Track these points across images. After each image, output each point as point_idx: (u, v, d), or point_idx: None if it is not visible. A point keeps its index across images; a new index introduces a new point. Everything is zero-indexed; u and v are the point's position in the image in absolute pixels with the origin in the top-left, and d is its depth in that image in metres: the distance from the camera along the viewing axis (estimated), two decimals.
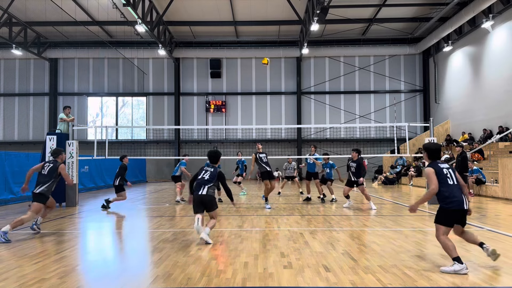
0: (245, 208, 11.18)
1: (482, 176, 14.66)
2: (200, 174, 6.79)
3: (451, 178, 4.92)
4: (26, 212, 7.17)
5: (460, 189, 4.90)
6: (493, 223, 8.22)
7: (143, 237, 7.39)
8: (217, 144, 27.99)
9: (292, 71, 28.44)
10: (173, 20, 24.42)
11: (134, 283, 4.48)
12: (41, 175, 7.35)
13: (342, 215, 9.51)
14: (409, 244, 6.24)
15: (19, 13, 22.54)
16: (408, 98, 28.22)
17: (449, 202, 4.80)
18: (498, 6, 19.16)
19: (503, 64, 19.14)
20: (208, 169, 6.82)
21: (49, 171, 7.36)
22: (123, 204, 13.03)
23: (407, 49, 27.11)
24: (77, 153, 12.22)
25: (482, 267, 4.89)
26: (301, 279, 4.46)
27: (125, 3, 17.23)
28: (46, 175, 7.32)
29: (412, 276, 4.54)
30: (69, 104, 27.95)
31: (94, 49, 27.45)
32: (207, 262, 5.24)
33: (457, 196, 4.80)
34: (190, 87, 28.66)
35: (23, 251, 5.96)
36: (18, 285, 4.33)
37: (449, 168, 5.03)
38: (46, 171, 7.35)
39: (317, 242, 6.46)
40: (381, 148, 27.39)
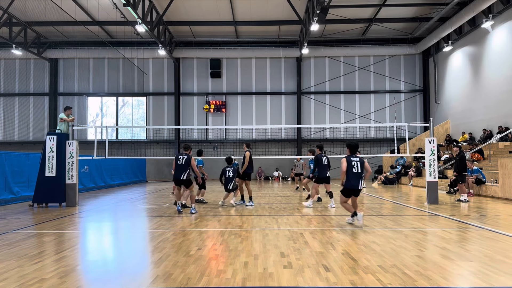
0: (245, 208, 11.17)
1: (482, 176, 14.66)
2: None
3: (356, 168, 7.77)
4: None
5: (359, 176, 7.78)
6: (493, 223, 8.22)
7: (143, 237, 7.39)
8: (217, 144, 28.00)
9: (292, 71, 28.45)
10: (173, 20, 24.42)
11: (134, 283, 4.48)
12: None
13: (342, 215, 9.51)
14: (409, 244, 6.24)
15: (19, 13, 22.54)
16: (408, 98, 28.22)
17: (347, 183, 7.81)
18: (498, 6, 19.16)
19: (503, 64, 19.15)
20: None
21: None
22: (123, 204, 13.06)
23: (407, 49, 27.11)
24: (77, 153, 12.22)
25: (482, 267, 4.89)
26: (301, 279, 4.46)
27: (125, 3, 17.23)
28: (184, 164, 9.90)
29: (412, 276, 4.54)
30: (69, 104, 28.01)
31: (94, 49, 27.45)
32: (207, 262, 5.24)
33: (353, 180, 7.76)
34: (190, 87, 28.66)
35: (23, 251, 5.96)
36: (18, 285, 4.33)
37: (358, 161, 7.83)
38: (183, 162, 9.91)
39: (317, 242, 6.46)
40: (381, 148, 27.40)
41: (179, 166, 9.82)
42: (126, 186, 21.78)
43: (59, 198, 11.78)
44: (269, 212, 10.20)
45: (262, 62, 28.44)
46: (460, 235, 7.04)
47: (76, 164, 12.10)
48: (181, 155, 9.91)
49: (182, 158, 9.82)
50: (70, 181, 11.87)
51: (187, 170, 9.79)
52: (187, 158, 9.83)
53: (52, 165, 11.74)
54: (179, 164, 9.81)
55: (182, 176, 9.75)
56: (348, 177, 7.84)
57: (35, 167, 13.12)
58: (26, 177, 13.67)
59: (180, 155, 9.97)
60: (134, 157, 26.07)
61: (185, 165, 9.80)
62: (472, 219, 8.85)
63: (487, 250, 5.79)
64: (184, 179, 9.78)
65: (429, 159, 11.89)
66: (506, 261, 5.17)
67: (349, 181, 7.85)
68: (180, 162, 9.80)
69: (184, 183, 9.87)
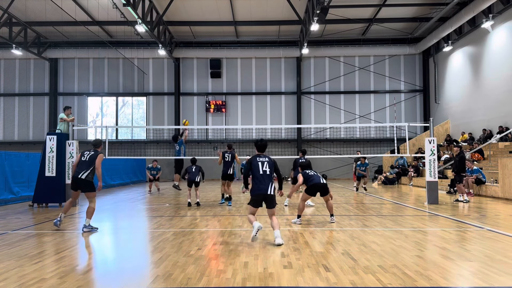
0: (245, 208, 11.17)
1: (482, 176, 14.65)
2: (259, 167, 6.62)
3: (313, 173, 8.35)
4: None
5: (319, 176, 8.25)
6: (493, 223, 8.22)
7: (143, 237, 7.39)
8: (217, 144, 27.99)
9: (292, 71, 28.44)
10: (173, 20, 24.42)
11: (134, 283, 4.48)
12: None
13: (342, 215, 9.51)
14: (409, 244, 6.24)
15: (19, 13, 22.54)
16: (408, 98, 28.22)
17: (310, 183, 8.14)
18: (498, 6, 19.16)
19: (503, 64, 19.14)
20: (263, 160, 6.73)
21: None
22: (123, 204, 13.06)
23: (407, 49, 27.11)
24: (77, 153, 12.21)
25: (482, 267, 4.89)
26: (301, 279, 4.46)
27: (125, 3, 17.23)
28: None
29: (412, 276, 4.54)
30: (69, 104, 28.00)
31: (94, 49, 27.45)
32: (207, 262, 5.24)
33: (315, 179, 8.15)
34: (190, 87, 28.66)
35: (23, 251, 5.96)
36: (18, 285, 4.33)
37: (312, 170, 8.50)
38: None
39: (317, 242, 6.46)
40: (381, 148, 27.40)
41: (81, 162, 7.88)
42: (126, 186, 21.78)
43: (59, 198, 11.77)
44: None
45: (262, 62, 28.44)
46: (460, 235, 7.04)
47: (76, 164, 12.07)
48: (87, 151, 8.05)
49: (88, 154, 7.93)
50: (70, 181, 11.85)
51: (90, 168, 7.77)
52: (93, 155, 7.89)
53: (52, 165, 11.73)
54: (82, 160, 7.89)
55: (81, 174, 7.72)
56: (307, 178, 8.22)
57: (35, 167, 13.12)
58: (26, 177, 13.66)
59: (86, 150, 8.11)
60: (134, 157, 26.06)
61: (88, 162, 7.84)
62: (472, 219, 8.85)
63: (487, 250, 5.79)
64: (83, 179, 7.70)
65: (429, 159, 11.89)
66: (506, 261, 5.17)
67: (310, 181, 8.16)
68: (84, 158, 7.89)
69: (83, 185, 7.74)
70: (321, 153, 26.88)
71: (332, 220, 8.44)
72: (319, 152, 27.09)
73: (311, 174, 8.32)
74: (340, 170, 27.12)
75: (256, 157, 6.70)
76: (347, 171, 26.90)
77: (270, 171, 6.54)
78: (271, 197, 6.43)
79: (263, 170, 6.52)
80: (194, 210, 10.86)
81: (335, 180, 26.30)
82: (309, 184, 8.21)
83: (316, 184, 8.15)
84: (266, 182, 6.44)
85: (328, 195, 8.30)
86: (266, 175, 6.50)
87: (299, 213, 8.33)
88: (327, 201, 8.45)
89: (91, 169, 7.78)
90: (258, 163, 6.60)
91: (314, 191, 8.23)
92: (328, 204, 8.51)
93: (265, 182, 6.44)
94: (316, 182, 8.16)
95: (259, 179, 6.47)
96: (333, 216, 8.50)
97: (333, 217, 8.49)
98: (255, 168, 6.54)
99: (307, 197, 8.36)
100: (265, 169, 6.53)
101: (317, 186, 8.17)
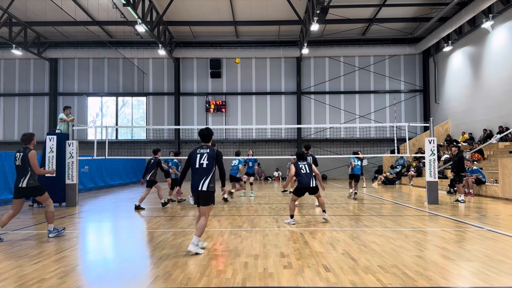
0: (245, 208, 11.17)
1: (482, 176, 14.65)
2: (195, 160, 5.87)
3: (305, 169, 8.18)
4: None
5: (309, 176, 8.14)
6: (493, 223, 8.21)
7: (143, 237, 7.38)
8: (217, 144, 27.99)
9: (292, 71, 28.44)
10: (173, 20, 24.42)
11: (134, 283, 4.48)
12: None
13: (342, 215, 9.51)
14: (409, 244, 6.24)
15: (19, 13, 22.54)
16: (408, 98, 28.22)
17: (298, 184, 8.19)
18: (498, 6, 19.16)
19: (503, 64, 19.14)
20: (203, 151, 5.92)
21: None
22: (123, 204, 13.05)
23: (407, 49, 27.11)
24: (77, 153, 12.22)
25: (482, 267, 4.89)
26: (301, 279, 4.46)
27: (125, 3, 17.23)
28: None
29: (412, 276, 4.54)
30: (69, 104, 28.01)
31: (94, 49, 27.45)
32: (207, 262, 5.24)
33: (303, 181, 8.14)
34: (190, 87, 28.66)
35: (23, 251, 5.96)
36: (18, 285, 4.33)
37: (305, 164, 8.24)
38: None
39: (317, 242, 6.46)
40: (381, 148, 27.41)
41: (16, 168, 6.87)
42: (126, 186, 21.78)
43: (59, 198, 11.77)
44: (269, 212, 10.20)
45: (262, 62, 28.44)
46: (460, 235, 7.04)
47: (76, 164, 12.10)
48: (17, 152, 6.90)
49: (19, 156, 6.80)
50: (70, 181, 11.87)
51: (28, 173, 6.79)
52: (23, 156, 6.78)
53: (52, 165, 11.73)
54: (16, 165, 6.85)
55: (20, 182, 6.77)
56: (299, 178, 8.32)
57: None
58: None
59: (17, 151, 6.94)
60: (134, 157, 26.06)
61: (22, 166, 6.78)
62: (472, 219, 8.85)
63: (487, 250, 5.79)
64: (25, 187, 6.77)
65: (429, 159, 11.89)
66: (506, 261, 5.17)
67: (301, 181, 8.29)
68: (18, 162, 6.80)
69: (28, 192, 6.87)
70: (321, 153, 26.88)
71: (324, 215, 8.49)
72: (319, 152, 27.08)
73: (302, 172, 8.18)
74: (340, 170, 27.10)
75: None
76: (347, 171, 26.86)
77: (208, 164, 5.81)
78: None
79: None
80: (194, 210, 10.86)
81: (335, 180, 26.30)
82: (298, 185, 8.21)
83: (303, 188, 8.17)
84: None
85: (318, 193, 8.34)
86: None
87: (291, 213, 8.33)
88: (318, 197, 8.52)
89: (30, 173, 6.75)
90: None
91: (302, 192, 8.26)
92: (319, 200, 8.56)
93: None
94: (303, 185, 8.13)
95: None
96: (325, 211, 8.55)
97: (325, 212, 8.53)
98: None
99: (296, 198, 8.32)
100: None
101: (304, 189, 8.20)
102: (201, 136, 5.99)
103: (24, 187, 6.74)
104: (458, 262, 5.12)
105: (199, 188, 5.73)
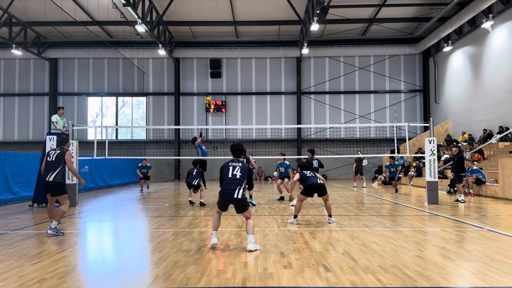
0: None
1: (482, 176, 14.65)
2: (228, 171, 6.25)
3: (311, 174, 8.33)
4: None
5: (316, 177, 8.30)
6: (493, 223, 8.21)
7: (143, 237, 7.38)
8: (217, 144, 28.00)
9: (292, 71, 28.45)
10: (173, 20, 24.42)
11: (134, 283, 4.48)
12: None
13: (342, 215, 9.51)
14: (409, 244, 6.24)
15: (19, 13, 22.54)
16: (408, 98, 28.23)
17: (307, 183, 8.18)
18: (498, 6, 19.16)
19: (503, 64, 19.14)
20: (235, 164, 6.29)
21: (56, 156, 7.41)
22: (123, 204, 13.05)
23: (407, 49, 27.11)
24: (77, 153, 12.22)
25: (482, 267, 4.88)
26: (301, 279, 4.45)
27: (125, 3, 17.23)
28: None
29: (412, 276, 4.54)
30: (69, 104, 28.06)
31: (94, 49, 27.46)
32: (207, 262, 5.24)
33: (312, 180, 8.18)
34: (190, 87, 28.66)
35: (23, 251, 5.96)
36: (18, 285, 4.33)
37: (311, 173, 8.41)
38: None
39: (317, 242, 6.46)
40: (381, 148, 27.39)
41: (48, 163, 7.34)
42: (126, 186, 21.78)
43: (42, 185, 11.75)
44: (269, 212, 10.20)
45: (262, 62, 28.44)
46: (460, 235, 7.04)
47: (76, 164, 12.09)
48: (53, 150, 7.55)
49: (54, 153, 7.39)
50: (70, 181, 11.87)
51: (58, 169, 7.26)
52: (60, 153, 7.35)
53: None
54: (49, 161, 7.35)
55: (48, 176, 7.21)
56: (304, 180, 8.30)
57: (35, 167, 13.12)
58: (26, 177, 13.67)
59: (52, 150, 7.63)
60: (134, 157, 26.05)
61: (55, 162, 7.28)
62: (472, 219, 8.85)
63: (487, 250, 5.78)
64: (51, 181, 7.20)
65: (429, 159, 11.89)
66: (506, 261, 5.17)
67: (306, 182, 8.23)
68: (50, 158, 7.35)
69: (52, 188, 7.27)
70: (321, 153, 26.86)
71: (330, 221, 8.37)
72: (319, 152, 27.05)
73: (308, 176, 8.29)
74: (340, 170, 27.11)
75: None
76: (347, 171, 26.90)
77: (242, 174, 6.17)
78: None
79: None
80: (194, 210, 10.86)
81: (335, 180, 26.30)
82: (306, 184, 8.19)
83: (312, 185, 8.10)
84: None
85: (326, 195, 8.26)
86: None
87: (295, 213, 8.31)
88: (325, 201, 8.40)
89: (59, 169, 7.27)
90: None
91: (311, 191, 8.18)
92: (326, 205, 8.45)
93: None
94: (312, 183, 8.12)
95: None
96: (331, 216, 8.44)
97: (331, 217, 8.42)
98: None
99: (304, 198, 8.29)
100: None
101: (314, 187, 8.11)
102: (233, 152, 6.44)
103: (51, 181, 7.20)
104: (458, 262, 5.12)
105: (235, 196, 6.04)
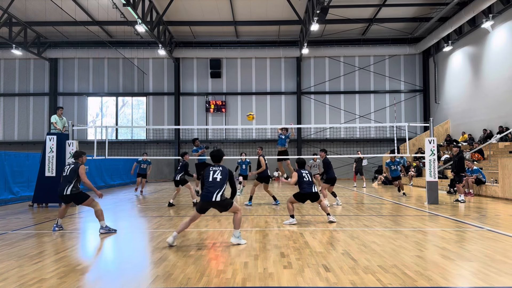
0: (245, 208, 11.17)
1: (482, 176, 14.65)
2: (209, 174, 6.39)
3: (307, 178, 8.28)
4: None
5: (311, 184, 8.23)
6: (493, 223, 8.21)
7: (143, 237, 7.38)
8: (217, 144, 27.99)
9: (292, 71, 28.44)
10: (173, 20, 24.42)
11: (134, 283, 4.48)
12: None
13: (342, 215, 9.51)
14: (409, 244, 6.24)
15: (19, 13, 22.54)
16: (408, 98, 28.22)
17: (301, 190, 8.22)
18: (498, 6, 19.16)
19: (503, 64, 19.14)
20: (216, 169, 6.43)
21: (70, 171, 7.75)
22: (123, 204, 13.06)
23: (407, 49, 27.11)
24: None
25: (482, 267, 4.89)
26: (301, 279, 4.45)
27: (125, 3, 17.23)
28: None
29: (412, 276, 4.54)
30: (69, 104, 28.08)
31: (94, 49, 27.45)
32: (207, 262, 5.24)
33: (306, 189, 8.16)
34: (190, 87, 28.66)
35: (23, 251, 5.96)
36: (18, 285, 4.33)
37: (307, 173, 8.39)
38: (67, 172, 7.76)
39: (317, 242, 6.46)
40: (381, 148, 27.39)
41: (63, 178, 7.79)
42: (126, 186, 21.78)
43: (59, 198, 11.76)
44: (269, 212, 10.20)
45: (262, 62, 28.44)
46: (460, 235, 7.04)
47: None
48: (68, 164, 8.01)
49: (68, 168, 7.80)
50: None
51: (72, 182, 7.65)
52: (74, 167, 7.76)
53: (52, 165, 11.74)
54: (64, 176, 7.79)
55: (65, 190, 7.64)
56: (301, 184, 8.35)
57: (35, 167, 13.12)
58: (26, 177, 13.67)
59: (67, 164, 8.18)
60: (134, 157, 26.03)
61: (69, 176, 7.68)
62: (472, 219, 8.85)
63: (487, 250, 5.79)
64: (69, 194, 7.62)
65: (429, 159, 11.89)
66: (506, 261, 5.17)
67: (302, 188, 8.27)
68: (65, 173, 7.77)
69: (73, 199, 7.72)
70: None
71: (329, 218, 8.40)
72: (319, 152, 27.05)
73: (305, 180, 8.25)
74: (340, 170, 27.04)
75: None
76: (347, 171, 26.88)
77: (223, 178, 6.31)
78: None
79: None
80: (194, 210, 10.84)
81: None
82: (300, 192, 8.25)
83: (306, 194, 8.20)
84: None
85: (319, 199, 8.33)
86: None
87: (290, 213, 8.31)
88: (319, 203, 8.49)
89: (74, 182, 7.63)
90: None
91: (304, 199, 8.29)
92: (321, 205, 8.54)
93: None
94: (307, 192, 8.17)
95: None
96: (329, 215, 8.46)
97: (329, 215, 8.45)
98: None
99: (294, 201, 8.32)
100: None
101: (307, 195, 8.21)
102: (213, 158, 6.60)
103: (68, 194, 7.61)
104: (458, 262, 5.12)
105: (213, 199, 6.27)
